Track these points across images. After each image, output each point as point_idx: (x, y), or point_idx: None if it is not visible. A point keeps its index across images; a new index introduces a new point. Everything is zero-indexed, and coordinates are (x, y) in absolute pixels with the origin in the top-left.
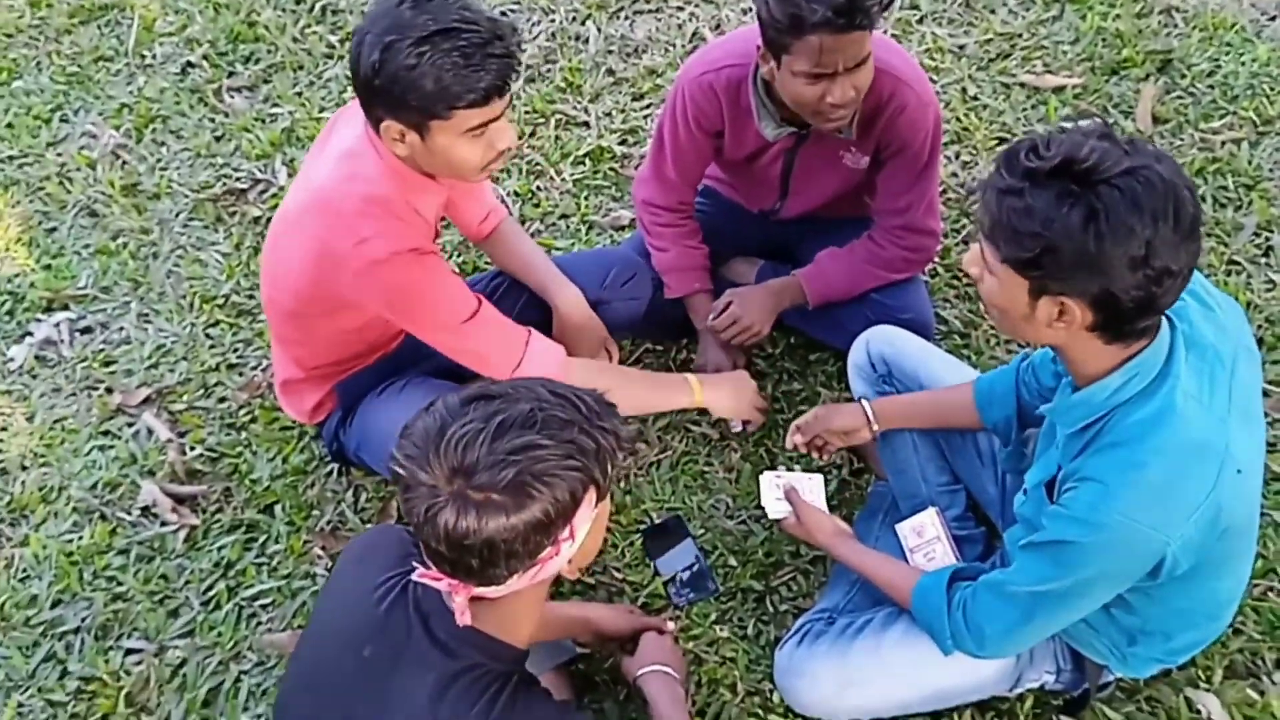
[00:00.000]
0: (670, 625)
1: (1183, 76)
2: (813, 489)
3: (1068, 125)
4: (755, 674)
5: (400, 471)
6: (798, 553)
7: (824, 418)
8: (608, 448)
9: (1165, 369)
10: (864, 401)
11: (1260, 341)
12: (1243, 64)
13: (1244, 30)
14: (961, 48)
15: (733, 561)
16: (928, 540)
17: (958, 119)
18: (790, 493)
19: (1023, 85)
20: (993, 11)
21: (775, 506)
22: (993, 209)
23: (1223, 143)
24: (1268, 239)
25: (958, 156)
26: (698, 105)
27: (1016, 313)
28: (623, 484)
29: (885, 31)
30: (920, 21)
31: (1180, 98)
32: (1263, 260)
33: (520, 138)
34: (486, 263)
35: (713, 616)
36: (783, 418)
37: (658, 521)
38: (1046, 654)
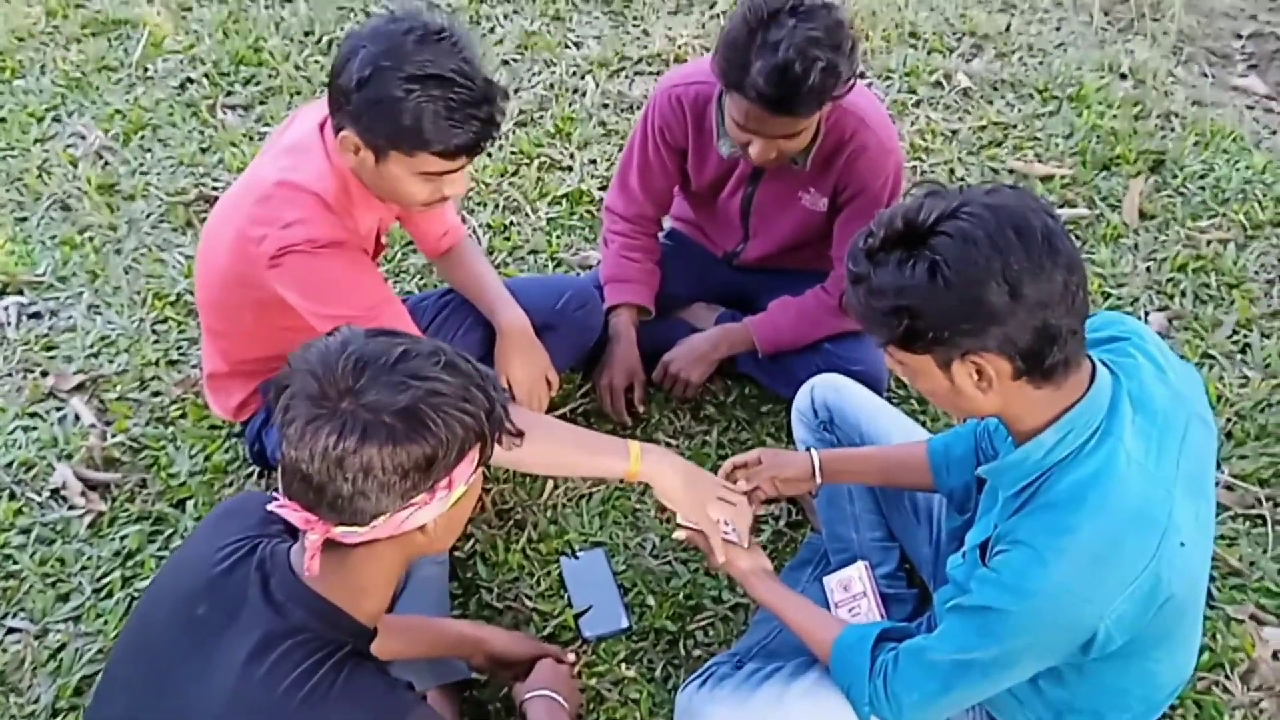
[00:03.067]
0: (570, 656)
1: (1174, 176)
2: (740, 532)
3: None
4: (658, 718)
5: (287, 382)
6: (719, 598)
7: (769, 464)
8: (498, 415)
9: (1107, 425)
10: (812, 451)
11: (1229, 435)
12: (1237, 170)
13: (1242, 139)
14: (954, 132)
15: (651, 601)
16: (853, 595)
17: None
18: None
19: (1011, 171)
20: (990, 102)
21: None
22: (854, 304)
23: (1209, 241)
24: (1245, 336)
25: None
26: (664, 117)
27: (943, 390)
28: (549, 513)
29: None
30: (916, 105)
31: (1170, 196)
32: (1238, 356)
33: (502, 175)
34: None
35: (621, 654)
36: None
37: (579, 552)
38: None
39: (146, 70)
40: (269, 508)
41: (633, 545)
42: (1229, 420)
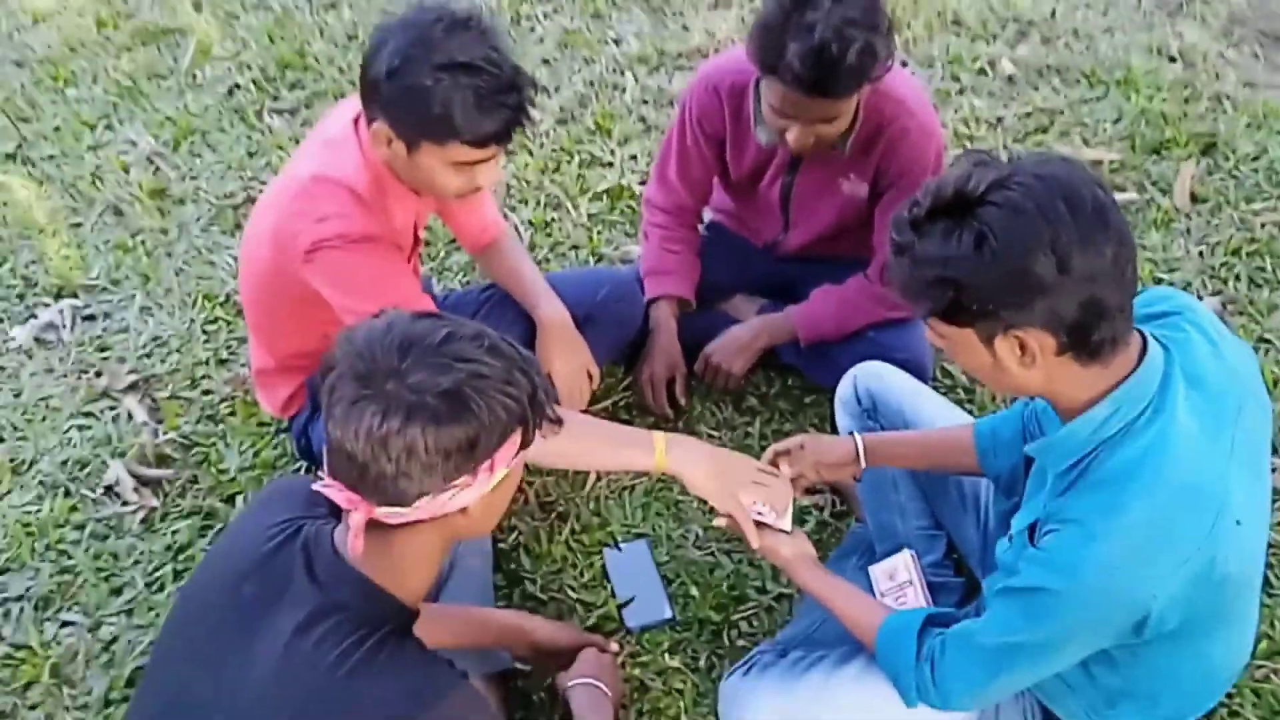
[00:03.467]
0: (613, 646)
1: (1226, 159)
2: (784, 519)
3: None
4: (702, 708)
5: (332, 363)
6: (763, 588)
7: (812, 449)
8: (540, 400)
9: (1159, 401)
10: (856, 435)
11: None
12: None
13: None
14: (1000, 119)
15: (694, 591)
16: (899, 584)
17: None
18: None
19: (1061, 159)
20: (1035, 89)
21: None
22: (896, 275)
23: (1263, 224)
24: None
25: None
26: (702, 106)
27: (986, 366)
28: (592, 505)
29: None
30: (960, 93)
31: (1222, 179)
32: None
33: (543, 172)
34: None
35: (665, 645)
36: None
37: (622, 543)
38: (1015, 711)
39: (195, 77)
40: (314, 487)
41: (675, 536)
42: None
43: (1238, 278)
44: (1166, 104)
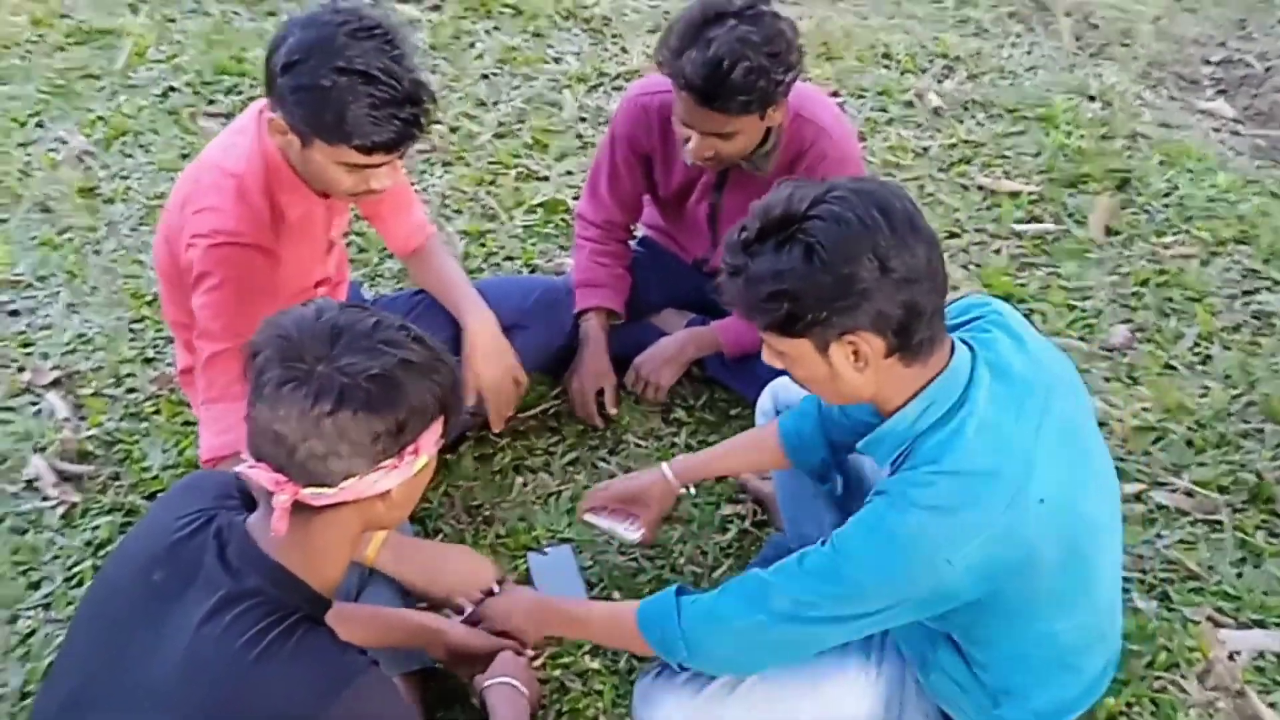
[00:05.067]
0: (529, 649)
1: (1139, 195)
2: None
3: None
4: (620, 709)
5: (262, 344)
6: None
7: (624, 491)
8: (459, 391)
9: (964, 395)
10: (663, 465)
11: (1189, 444)
12: (1201, 188)
13: (1208, 159)
14: (925, 149)
15: (617, 595)
16: None
17: None
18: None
19: (980, 187)
20: (960, 121)
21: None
22: (731, 294)
23: (1173, 257)
24: (1206, 349)
25: None
26: (631, 124)
27: (823, 376)
28: (517, 511)
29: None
30: (888, 123)
31: (1135, 213)
32: (1199, 367)
33: (479, 184)
34: None
35: (586, 647)
36: None
37: (546, 547)
38: (917, 714)
39: (129, 78)
40: (239, 470)
41: (599, 542)
42: (1189, 429)
43: (1147, 307)
44: (1085, 140)
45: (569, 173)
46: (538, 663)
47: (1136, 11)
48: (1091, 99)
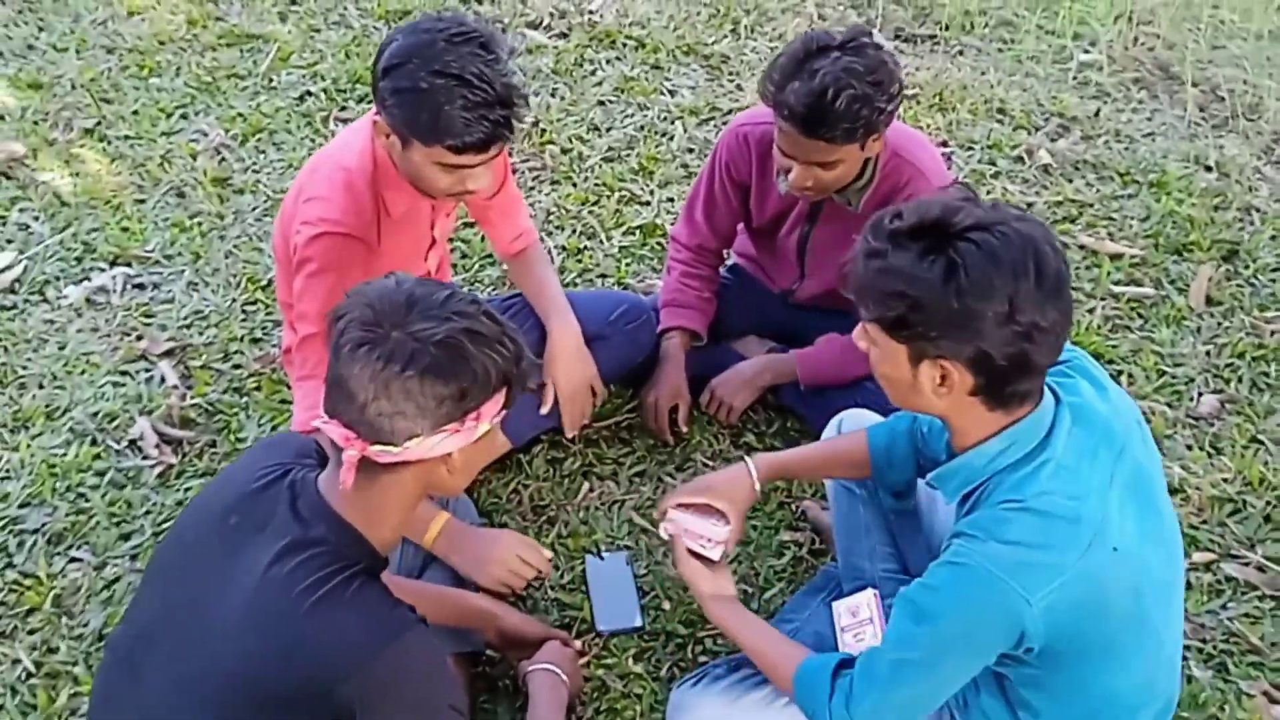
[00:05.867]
0: (577, 644)
1: (1246, 267)
2: (714, 554)
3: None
4: (657, 714)
5: (346, 310)
6: None
7: (710, 485)
8: (525, 367)
9: (1045, 441)
10: (747, 459)
11: (1267, 519)
12: None
13: None
14: (1030, 205)
15: (666, 605)
16: (860, 621)
17: None
18: (675, 532)
19: (1082, 247)
20: (1069, 180)
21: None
22: (859, 272)
23: (1273, 332)
24: None
25: None
26: (731, 154)
27: (903, 381)
28: (581, 514)
29: (953, 168)
30: (995, 176)
31: (1239, 285)
32: None
33: (583, 203)
34: None
35: (631, 651)
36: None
37: (604, 553)
38: None
39: (271, 81)
40: (314, 423)
41: (656, 553)
42: (1268, 504)
43: (1240, 379)
44: (1195, 209)
45: (670, 200)
46: (583, 660)
47: (1266, 86)
48: (1208, 169)
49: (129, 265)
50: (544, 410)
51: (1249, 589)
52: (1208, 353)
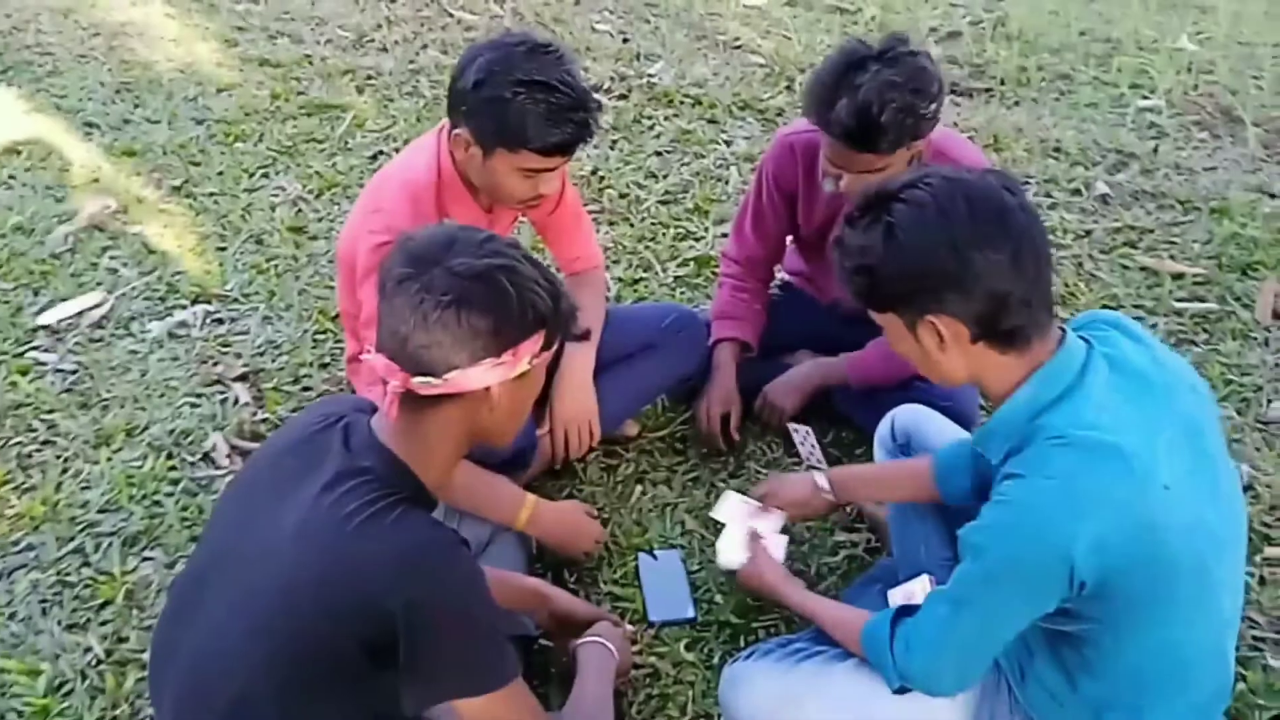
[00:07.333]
0: (629, 627)
1: None
2: (776, 546)
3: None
4: (708, 700)
5: (395, 250)
6: None
7: (774, 491)
8: (565, 311)
9: (1079, 380)
10: (816, 473)
11: None
12: None
13: None
14: (1088, 232)
15: (719, 599)
16: (915, 607)
17: (1065, 285)
18: (753, 538)
19: (1144, 269)
20: (1127, 209)
21: (725, 550)
22: (834, 266)
23: None
24: None
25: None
26: (778, 163)
27: (917, 353)
28: (634, 515)
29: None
30: (1052, 208)
31: None
32: None
33: (640, 240)
34: None
35: (684, 640)
36: None
37: (656, 551)
38: None
39: (347, 143)
40: (362, 356)
41: (709, 551)
42: None
43: None
44: (1259, 231)
45: (724, 235)
46: (635, 647)
47: None
48: (1272, 196)
49: (209, 303)
50: (541, 431)
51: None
52: (1276, 364)
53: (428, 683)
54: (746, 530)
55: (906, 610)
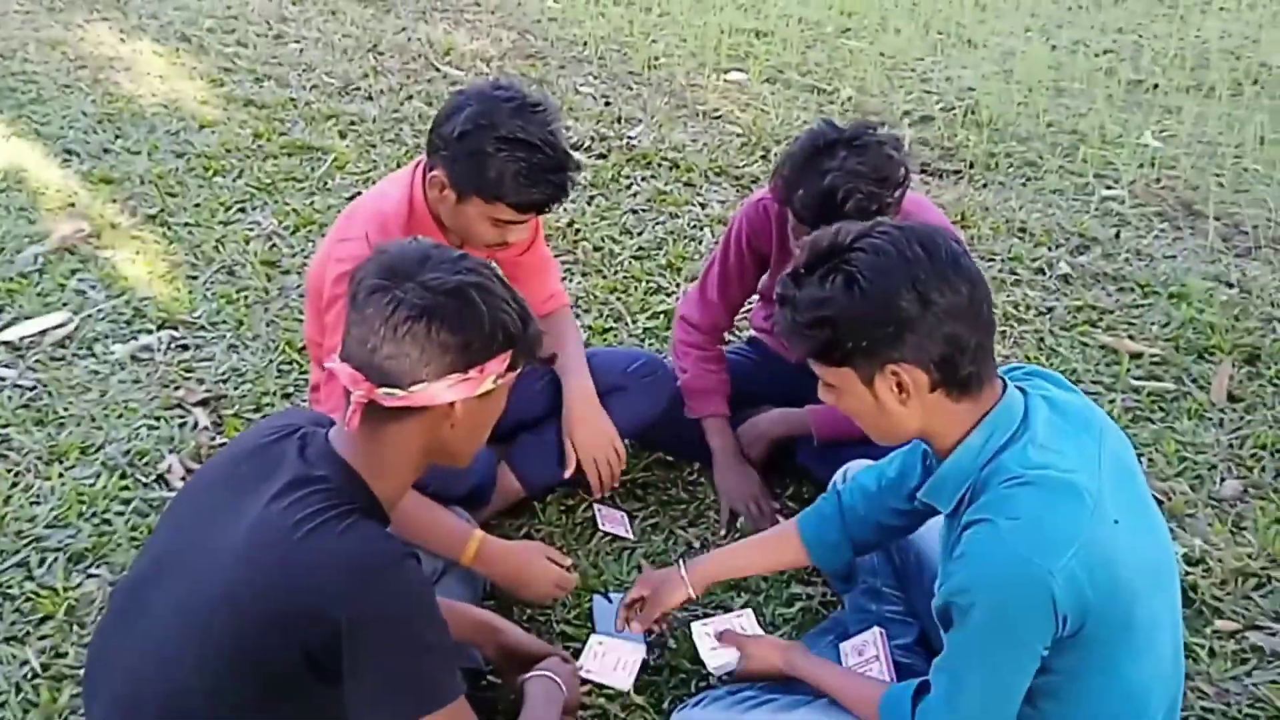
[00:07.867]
0: (578, 662)
1: (1269, 368)
2: (747, 626)
3: None
4: None
5: (367, 262)
6: None
7: (655, 597)
8: (532, 335)
9: (1024, 424)
10: (680, 565)
11: None
12: None
13: None
14: (1050, 310)
15: (673, 643)
16: (866, 659)
17: (1026, 358)
18: (727, 634)
19: (1103, 346)
20: (1088, 289)
21: (714, 658)
22: (781, 322)
23: None
24: None
25: None
26: (752, 224)
27: (870, 409)
28: (591, 557)
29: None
30: (1015, 284)
31: (1261, 385)
32: None
33: (611, 291)
34: None
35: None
36: None
37: (611, 594)
38: None
39: (326, 184)
40: (327, 365)
41: None
42: None
43: (1264, 468)
44: (1216, 317)
45: None
46: (585, 687)
47: None
48: (1230, 285)
49: (175, 329)
50: (567, 473)
51: (1275, 657)
52: (1230, 444)
53: (370, 698)
54: (711, 630)
55: (926, 686)
